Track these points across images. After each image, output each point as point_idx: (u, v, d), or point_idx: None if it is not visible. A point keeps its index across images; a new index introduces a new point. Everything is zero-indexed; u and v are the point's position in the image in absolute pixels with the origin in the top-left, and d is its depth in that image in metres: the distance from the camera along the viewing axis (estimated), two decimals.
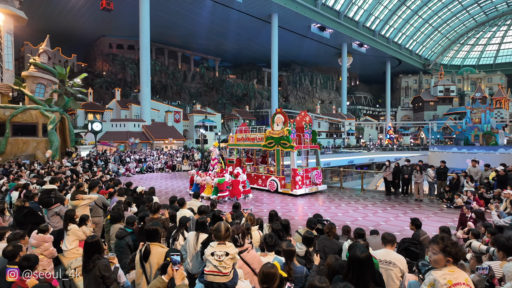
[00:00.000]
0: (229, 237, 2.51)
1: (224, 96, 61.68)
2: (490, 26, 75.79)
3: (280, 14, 49.79)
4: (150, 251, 2.96)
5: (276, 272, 2.33)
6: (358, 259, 2.35)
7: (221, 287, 2.20)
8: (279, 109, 13.99)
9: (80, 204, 6.05)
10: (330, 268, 2.83)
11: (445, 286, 2.08)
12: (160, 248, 3.08)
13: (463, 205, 9.06)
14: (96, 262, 3.44)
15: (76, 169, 13.12)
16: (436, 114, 69.33)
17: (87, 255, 3.51)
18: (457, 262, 2.24)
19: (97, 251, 3.49)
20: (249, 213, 5.19)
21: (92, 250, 3.47)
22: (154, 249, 3.01)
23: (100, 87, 52.22)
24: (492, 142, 36.28)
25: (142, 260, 2.98)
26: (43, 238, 4.83)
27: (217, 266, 2.20)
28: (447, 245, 2.22)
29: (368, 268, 2.34)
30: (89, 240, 3.53)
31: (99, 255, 3.48)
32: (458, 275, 2.13)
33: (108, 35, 57.45)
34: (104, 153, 23.67)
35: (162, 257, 2.96)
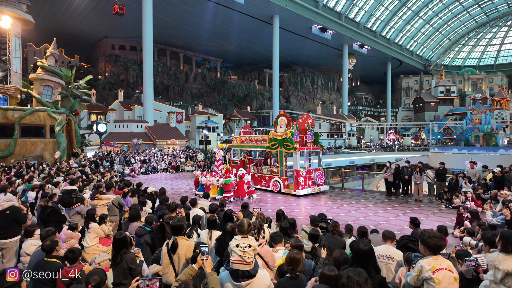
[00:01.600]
0: (251, 231, 2.89)
1: (226, 97, 62.13)
2: (491, 27, 76.11)
3: (282, 15, 50.21)
4: (177, 244, 3.36)
5: (301, 257, 2.77)
6: (361, 251, 2.73)
7: (245, 274, 2.58)
8: (282, 112, 14.36)
9: (99, 204, 6.43)
10: (336, 261, 3.22)
11: (429, 271, 2.49)
12: (186, 241, 3.48)
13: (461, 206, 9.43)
14: (124, 256, 3.84)
15: (85, 170, 13.52)
16: (437, 114, 69.52)
17: (116, 250, 3.90)
18: (434, 251, 2.65)
19: (124, 246, 3.89)
20: (259, 212, 5.56)
21: (121, 245, 3.86)
22: (181, 242, 3.41)
23: (103, 88, 52.70)
24: (492, 143, 36.53)
25: (170, 252, 3.37)
26: (72, 235, 5.23)
27: (241, 256, 2.57)
28: (424, 237, 2.66)
29: (370, 259, 2.72)
30: (117, 237, 3.92)
31: (126, 249, 3.88)
32: (441, 262, 2.55)
33: (110, 36, 57.94)
34: (109, 154, 24.08)
35: (189, 248, 3.35)
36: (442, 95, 70.10)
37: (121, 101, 44.08)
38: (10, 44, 20.73)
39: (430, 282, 2.47)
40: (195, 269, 2.78)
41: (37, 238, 5.19)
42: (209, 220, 5.13)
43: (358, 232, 4.71)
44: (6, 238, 5.28)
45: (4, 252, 5.22)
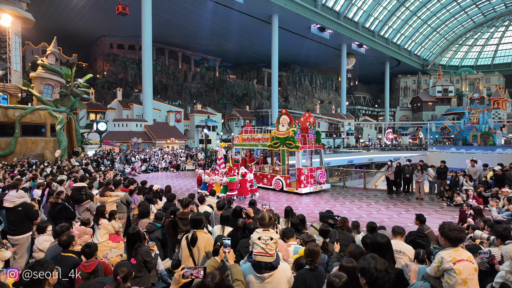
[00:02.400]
0: (271, 224, 2.96)
1: (225, 96, 62.15)
2: (488, 27, 76.57)
3: (281, 15, 50.27)
4: (197, 237, 3.43)
5: (319, 250, 2.85)
6: (379, 244, 2.81)
7: (268, 266, 2.65)
8: (284, 111, 14.45)
9: (108, 201, 6.48)
10: (352, 255, 3.30)
11: (450, 262, 2.55)
12: (205, 234, 3.56)
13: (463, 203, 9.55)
14: (138, 250, 3.93)
15: (88, 168, 13.53)
16: (435, 114, 69.92)
17: (130, 244, 3.99)
18: (454, 243, 2.71)
19: (138, 240, 3.97)
20: (268, 208, 5.63)
21: (134, 239, 3.97)
22: (200, 235, 3.49)
23: (101, 87, 52.55)
24: (490, 142, 36.79)
25: (189, 245, 3.44)
26: (85, 231, 5.28)
27: (264, 248, 2.64)
28: (445, 230, 2.72)
29: (387, 251, 2.80)
30: (131, 231, 4.01)
31: (140, 243, 3.96)
32: (461, 253, 2.62)
33: (108, 35, 57.76)
34: (109, 153, 24.06)
35: (208, 241, 3.43)
36: (439, 95, 70.49)
37: (120, 100, 43.99)
38: (10, 43, 20.66)
39: (451, 273, 2.54)
40: (217, 262, 2.85)
41: (49, 234, 5.25)
42: (222, 216, 5.20)
43: (368, 227, 4.79)
44: (18, 234, 5.33)
45: (16, 248, 5.26)
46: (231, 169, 13.69)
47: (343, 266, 2.56)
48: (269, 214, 2.97)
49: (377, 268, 2.11)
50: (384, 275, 2.12)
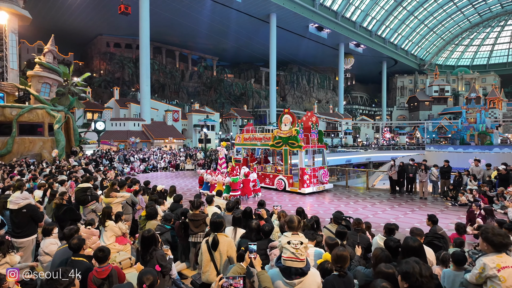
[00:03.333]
0: (301, 228, 2.83)
1: (222, 95, 61.94)
2: (484, 27, 77.12)
3: (279, 14, 50.16)
4: (218, 241, 3.28)
5: (348, 254, 2.71)
6: (411, 248, 2.70)
7: (298, 271, 2.52)
8: (287, 110, 14.33)
9: (113, 202, 6.32)
10: (377, 259, 3.16)
11: (494, 268, 2.43)
12: (226, 237, 3.41)
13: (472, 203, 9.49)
14: (154, 253, 3.78)
15: (88, 168, 13.32)
16: (431, 114, 70.25)
17: (144, 248, 3.83)
18: (498, 249, 2.58)
19: (153, 244, 3.82)
20: (279, 210, 5.50)
21: (149, 243, 3.80)
22: (222, 238, 3.35)
23: (98, 86, 52.09)
24: (487, 141, 36.96)
25: (210, 249, 3.29)
26: (92, 232, 5.13)
27: (294, 253, 2.51)
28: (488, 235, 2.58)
29: (420, 255, 2.68)
30: (145, 235, 3.86)
31: (155, 246, 3.82)
32: (506, 259, 2.49)
33: (105, 33, 57.28)
34: (108, 152, 23.79)
35: (230, 245, 3.28)
36: (436, 95, 70.86)
37: (117, 99, 43.63)
38: (6, 40, 20.31)
39: (495, 280, 2.42)
40: (243, 268, 2.71)
41: (55, 237, 5.08)
42: (234, 218, 5.07)
43: (385, 229, 4.67)
44: (23, 237, 5.16)
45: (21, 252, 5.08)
46: (234, 168, 13.55)
47: (382, 272, 2.44)
48: (298, 217, 2.84)
49: (422, 273, 2.00)
50: (428, 280, 2.02)
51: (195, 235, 4.92)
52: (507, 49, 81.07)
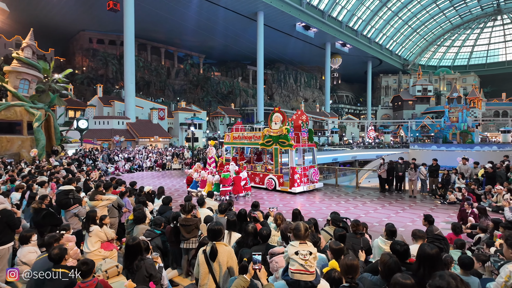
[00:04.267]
0: (308, 236, 2.61)
1: (209, 93, 61.23)
2: (464, 28, 79.36)
3: (266, 12, 49.91)
4: (217, 250, 3.01)
5: (358, 263, 2.50)
6: (429, 256, 2.51)
7: (308, 285, 2.30)
8: (277, 108, 14.13)
9: (99, 205, 5.95)
10: (386, 266, 2.94)
11: None
12: (225, 246, 3.13)
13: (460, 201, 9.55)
14: (142, 263, 3.48)
15: (71, 168, 12.73)
16: (415, 113, 71.75)
17: (129, 258, 3.53)
18: None
19: (139, 253, 3.55)
20: (275, 212, 5.28)
21: (134, 252, 3.54)
22: (221, 248, 3.07)
23: (81, 83, 50.45)
24: (468, 140, 37.95)
25: (208, 260, 3.02)
26: (67, 238, 4.75)
27: (303, 265, 2.29)
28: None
29: (439, 264, 2.51)
30: (130, 243, 3.57)
31: (141, 256, 3.54)
32: None
33: (88, 29, 55.52)
34: (91, 152, 22.99)
35: (230, 255, 3.01)
36: (419, 94, 72.42)
37: (100, 97, 42.39)
38: None
39: None
40: (247, 280, 2.46)
41: (34, 244, 4.69)
42: (229, 221, 4.80)
43: (387, 231, 4.52)
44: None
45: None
46: (223, 165, 13.27)
47: (399, 283, 2.24)
48: (305, 224, 2.61)
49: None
50: None
51: (187, 241, 4.63)
52: (486, 51, 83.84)
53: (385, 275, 2.95)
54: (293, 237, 2.59)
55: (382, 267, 3.03)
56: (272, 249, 3.45)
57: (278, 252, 3.31)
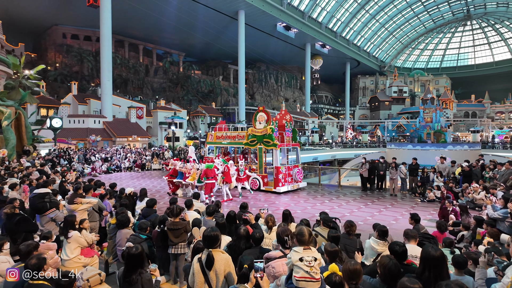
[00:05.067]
0: (312, 241, 2.49)
1: (190, 92, 60.27)
2: (437, 32, 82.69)
3: (247, 11, 49.74)
4: (214, 258, 2.81)
5: (361, 268, 2.41)
6: (434, 258, 2.47)
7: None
8: (261, 108, 14.05)
9: (79, 209, 5.60)
10: (386, 268, 2.86)
11: None
12: (222, 254, 2.95)
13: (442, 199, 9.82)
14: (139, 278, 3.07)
15: (44, 169, 12.05)
16: (391, 113, 73.95)
17: (129, 269, 3.14)
18: None
19: (141, 264, 3.15)
20: (267, 213, 5.16)
21: (136, 263, 3.12)
22: (217, 255, 2.87)
23: (54, 80, 48.20)
24: (442, 139, 39.52)
25: (204, 269, 2.82)
26: (48, 246, 4.43)
27: (309, 272, 2.18)
28: None
29: (444, 267, 2.46)
30: (133, 252, 3.15)
31: (142, 269, 3.15)
32: None
33: (61, 24, 53.09)
34: (66, 152, 21.97)
35: (227, 263, 2.84)
36: (395, 95, 74.70)
37: (75, 95, 40.69)
38: None
39: None
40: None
41: (6, 253, 4.32)
42: (218, 224, 4.64)
43: (379, 231, 4.50)
44: None
45: None
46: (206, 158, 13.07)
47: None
48: (308, 229, 2.49)
49: None
50: None
51: (175, 246, 4.41)
52: (457, 54, 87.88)
53: (385, 278, 2.89)
54: (296, 242, 2.47)
55: (382, 270, 2.97)
56: (268, 253, 3.33)
57: (274, 257, 3.19)
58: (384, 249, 4.34)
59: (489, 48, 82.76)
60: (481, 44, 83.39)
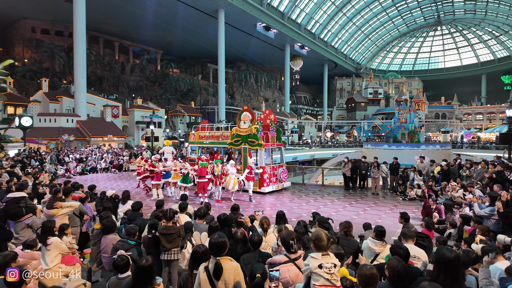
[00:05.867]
0: (330, 246, 2.37)
1: (168, 91, 58.99)
2: (410, 36, 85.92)
3: (227, 10, 49.31)
4: (222, 267, 2.61)
5: (377, 272, 2.32)
6: (449, 260, 2.41)
7: None
8: (246, 107, 13.89)
9: (59, 214, 5.20)
10: (395, 271, 2.77)
11: None
12: (231, 261, 2.74)
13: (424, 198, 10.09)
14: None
15: (15, 171, 11.26)
16: (367, 114, 75.98)
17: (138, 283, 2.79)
18: None
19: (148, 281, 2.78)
20: (261, 215, 5.02)
21: (145, 278, 2.78)
22: (226, 264, 2.66)
23: (22, 77, 45.56)
24: (415, 139, 41.04)
25: (212, 279, 2.61)
26: (32, 255, 4.07)
27: (329, 279, 2.06)
28: None
29: (459, 269, 2.42)
30: (143, 264, 2.80)
31: (151, 286, 2.80)
32: None
33: (30, 17, 50.32)
34: (37, 152, 20.74)
35: (237, 271, 2.64)
36: (371, 96, 76.84)
37: (46, 92, 38.67)
38: None
39: None
40: None
41: None
42: (212, 227, 4.44)
43: (376, 232, 4.48)
44: None
45: None
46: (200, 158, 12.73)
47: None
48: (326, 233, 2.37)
49: None
50: None
51: (168, 251, 4.16)
52: (428, 58, 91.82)
53: (393, 281, 2.83)
54: (313, 247, 2.34)
55: (390, 272, 2.90)
56: (272, 258, 3.18)
57: (279, 262, 3.05)
58: (382, 249, 4.33)
59: (458, 53, 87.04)
60: (450, 48, 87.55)
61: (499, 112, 71.33)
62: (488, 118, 73.18)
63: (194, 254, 2.93)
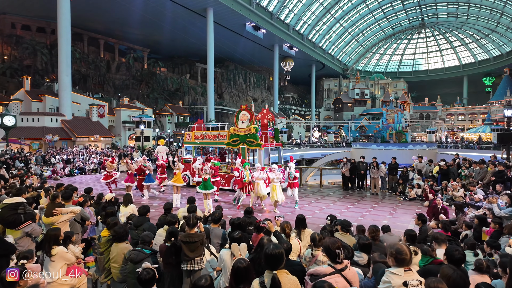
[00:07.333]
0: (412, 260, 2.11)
1: (155, 90, 57.82)
2: (395, 38, 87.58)
3: (216, 9, 48.76)
4: (279, 282, 2.33)
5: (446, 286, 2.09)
6: None
7: None
8: (244, 106, 13.59)
9: (59, 221, 4.77)
10: (450, 281, 2.61)
11: None
12: (287, 275, 2.46)
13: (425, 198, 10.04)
14: None
15: (1, 173, 10.58)
16: (354, 114, 76.92)
17: None
18: None
19: None
20: (282, 220, 4.74)
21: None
22: (284, 278, 2.38)
23: (2, 74, 43.66)
24: (403, 139, 41.71)
25: None
26: (30, 268, 3.63)
27: None
28: None
29: None
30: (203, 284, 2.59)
31: None
32: None
33: (10, 13, 48.28)
34: (21, 152, 19.77)
35: (297, 286, 2.36)
36: (357, 97, 77.88)
37: (27, 91, 37.11)
38: None
39: None
40: None
41: None
42: (233, 238, 4.11)
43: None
44: None
45: None
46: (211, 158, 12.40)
47: None
48: (406, 246, 2.11)
49: None
50: None
51: (191, 261, 3.83)
52: (412, 60, 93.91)
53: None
54: (393, 262, 2.08)
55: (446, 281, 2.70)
56: (315, 269, 2.92)
57: (324, 273, 2.79)
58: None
59: (441, 55, 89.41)
60: (433, 51, 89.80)
61: (480, 113, 73.71)
62: (469, 119, 75.49)
63: (236, 270, 2.63)
